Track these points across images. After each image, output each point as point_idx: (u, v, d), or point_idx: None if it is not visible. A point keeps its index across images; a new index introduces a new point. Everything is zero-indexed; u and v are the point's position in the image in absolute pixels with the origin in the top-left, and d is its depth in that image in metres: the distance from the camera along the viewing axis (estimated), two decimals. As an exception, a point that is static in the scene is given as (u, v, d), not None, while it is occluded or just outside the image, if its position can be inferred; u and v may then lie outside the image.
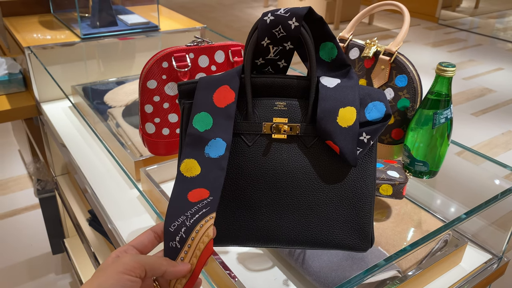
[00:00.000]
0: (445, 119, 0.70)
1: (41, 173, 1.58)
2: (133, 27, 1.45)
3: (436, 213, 0.89)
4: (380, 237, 0.79)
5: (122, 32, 1.43)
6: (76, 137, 1.19)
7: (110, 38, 1.41)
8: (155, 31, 1.49)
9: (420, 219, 0.83)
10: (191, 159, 0.51)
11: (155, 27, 1.49)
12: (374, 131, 0.52)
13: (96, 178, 1.02)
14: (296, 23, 0.50)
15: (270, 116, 0.53)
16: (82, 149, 1.14)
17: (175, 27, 1.54)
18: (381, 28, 5.25)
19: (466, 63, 4.19)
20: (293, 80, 0.54)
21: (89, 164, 1.07)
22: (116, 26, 1.44)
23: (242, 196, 0.54)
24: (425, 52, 4.46)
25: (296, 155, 0.53)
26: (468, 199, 0.94)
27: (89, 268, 1.33)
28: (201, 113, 0.51)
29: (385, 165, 0.72)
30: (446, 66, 0.68)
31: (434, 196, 0.93)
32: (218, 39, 1.56)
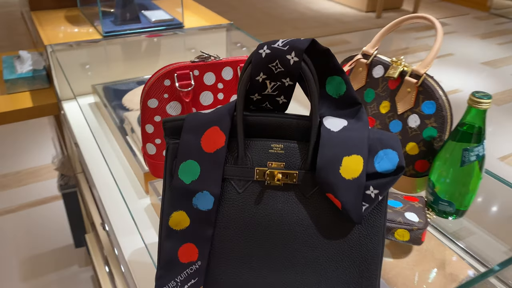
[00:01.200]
0: (476, 157, 0.62)
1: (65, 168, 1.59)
2: (156, 25, 1.41)
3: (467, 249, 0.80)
4: (397, 276, 0.72)
5: (145, 29, 1.39)
6: (90, 139, 1.17)
7: (133, 35, 1.38)
8: (179, 28, 1.44)
9: (445, 259, 0.75)
10: (180, 211, 0.47)
11: (179, 24, 1.44)
12: (383, 185, 0.44)
13: (104, 184, 0.99)
14: (296, 58, 0.44)
15: (264, 160, 0.47)
16: (94, 152, 1.12)
17: (200, 24, 1.48)
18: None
19: (518, 58, 3.91)
20: (293, 120, 0.47)
21: (99, 168, 1.05)
22: (139, 23, 1.40)
23: (231, 249, 0.48)
24: (472, 45, 4.20)
25: (293, 206, 0.47)
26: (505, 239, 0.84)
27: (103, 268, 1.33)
28: (187, 161, 0.46)
29: (404, 204, 0.65)
30: (480, 97, 0.59)
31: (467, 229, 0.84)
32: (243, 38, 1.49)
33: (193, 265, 0.48)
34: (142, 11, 1.48)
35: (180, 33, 1.45)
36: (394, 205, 0.64)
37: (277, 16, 4.80)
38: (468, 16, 5.11)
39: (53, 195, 2.12)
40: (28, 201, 2.08)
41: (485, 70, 3.63)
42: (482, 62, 3.79)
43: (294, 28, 4.41)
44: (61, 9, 1.60)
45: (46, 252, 1.81)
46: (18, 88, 1.39)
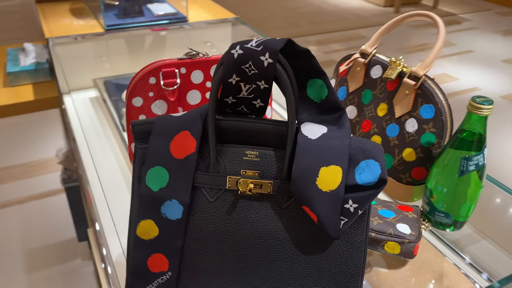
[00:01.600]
0: (475, 167, 0.57)
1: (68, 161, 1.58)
2: (160, 18, 1.38)
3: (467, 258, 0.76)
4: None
5: (148, 23, 1.37)
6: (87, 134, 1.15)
7: (136, 29, 1.35)
8: (183, 22, 1.41)
9: (442, 271, 0.71)
10: (147, 220, 0.44)
11: (183, 18, 1.41)
12: (363, 199, 0.41)
13: (98, 183, 0.98)
14: (270, 60, 0.40)
15: (238, 168, 0.44)
16: (90, 147, 1.10)
17: (204, 18, 1.45)
18: (447, 12, 4.85)
19: (541, 56, 3.77)
20: (269, 126, 0.44)
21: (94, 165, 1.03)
22: (142, 17, 1.38)
23: (203, 260, 0.45)
24: (494, 41, 4.07)
25: (268, 217, 0.44)
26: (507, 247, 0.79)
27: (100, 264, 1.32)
28: (155, 167, 0.43)
29: (397, 214, 0.61)
30: (481, 103, 0.55)
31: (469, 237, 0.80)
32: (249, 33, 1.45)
33: (164, 275, 0.45)
34: (146, 4, 1.45)
35: (184, 27, 1.42)
36: (386, 215, 0.60)
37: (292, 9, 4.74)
38: (490, 11, 4.96)
39: (60, 187, 2.13)
40: (35, 193, 2.10)
41: (505, 67, 3.52)
42: (504, 59, 3.67)
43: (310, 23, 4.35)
44: (67, 2, 1.59)
45: (51, 244, 1.82)
46: (21, 80, 1.38)
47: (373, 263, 0.72)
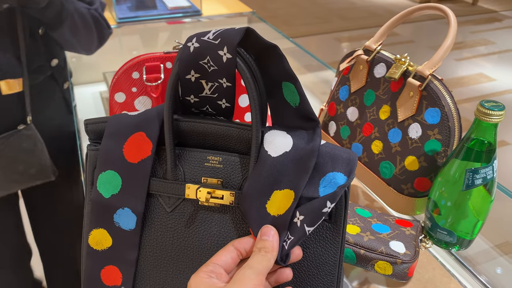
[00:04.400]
0: (482, 180, 0.50)
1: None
2: (173, 11, 1.35)
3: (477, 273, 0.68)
4: (389, 309, 0.62)
5: (161, 16, 1.34)
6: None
7: (148, 22, 1.33)
8: (197, 15, 1.38)
9: (448, 293, 0.64)
10: (100, 228, 0.40)
11: (197, 11, 1.38)
12: (311, 211, 0.35)
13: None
14: (229, 55, 0.35)
15: (199, 175, 0.39)
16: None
17: (219, 12, 1.41)
18: (487, 9, 4.62)
19: None
20: (233, 129, 0.39)
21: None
22: (155, 10, 1.35)
23: (158, 276, 0.41)
24: (536, 40, 3.84)
25: (230, 230, 0.39)
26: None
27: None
28: (106, 171, 0.39)
29: (393, 229, 0.54)
30: (490, 108, 0.48)
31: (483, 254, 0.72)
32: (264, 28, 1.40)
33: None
34: (161, -3, 1.42)
35: (201, 20, 1.39)
36: (380, 230, 0.54)
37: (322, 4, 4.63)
38: (532, 8, 4.68)
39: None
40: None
41: (548, 69, 3.31)
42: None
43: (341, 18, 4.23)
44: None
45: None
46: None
47: (371, 280, 0.66)
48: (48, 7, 0.77)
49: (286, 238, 0.35)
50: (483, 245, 0.75)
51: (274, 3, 4.51)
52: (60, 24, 0.81)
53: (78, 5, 0.85)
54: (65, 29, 0.83)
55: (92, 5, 0.89)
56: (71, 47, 0.91)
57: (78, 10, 0.84)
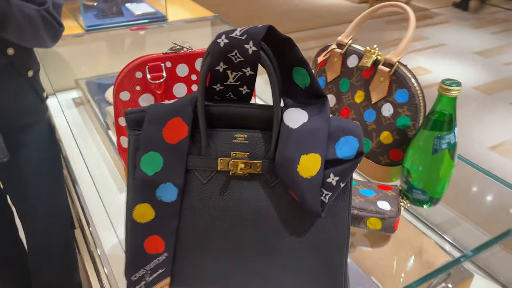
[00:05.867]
0: (447, 145, 0.61)
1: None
2: (140, 18, 1.40)
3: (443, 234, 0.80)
4: (376, 265, 0.72)
5: (128, 23, 1.38)
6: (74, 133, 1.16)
7: (116, 29, 1.37)
8: (163, 21, 1.43)
9: (422, 247, 0.75)
10: (143, 203, 0.47)
11: (163, 17, 1.43)
12: (343, 171, 0.44)
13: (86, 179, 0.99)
14: (254, 48, 0.43)
15: (228, 150, 0.47)
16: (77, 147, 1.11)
17: (184, 17, 1.47)
18: (419, 7, 4.97)
19: (510, 46, 3.90)
20: (255, 110, 0.47)
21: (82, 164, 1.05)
22: (122, 17, 1.39)
23: (197, 240, 0.48)
24: (465, 34, 4.19)
25: (258, 195, 0.47)
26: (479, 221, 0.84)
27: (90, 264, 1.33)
28: (149, 153, 0.46)
29: (377, 193, 0.65)
30: (450, 85, 0.59)
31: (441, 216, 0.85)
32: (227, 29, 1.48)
33: (160, 256, 0.48)
34: (125, 5, 1.46)
35: (164, 26, 1.44)
36: (367, 194, 0.64)
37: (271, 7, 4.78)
38: (461, 6, 5.09)
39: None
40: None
41: (477, 59, 3.63)
42: (475, 52, 3.78)
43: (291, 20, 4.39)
44: (44, 4, 1.59)
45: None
46: (1, 84, 1.37)
47: (356, 243, 0.76)
48: None
49: (325, 194, 0.44)
50: (441, 208, 0.87)
51: (223, 6, 4.60)
52: (3, 27, 0.85)
53: (26, 8, 0.88)
54: (9, 31, 0.86)
55: (42, 5, 0.94)
56: (21, 43, 0.95)
57: (24, 12, 0.88)
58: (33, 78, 1.06)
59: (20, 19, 0.87)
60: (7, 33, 0.87)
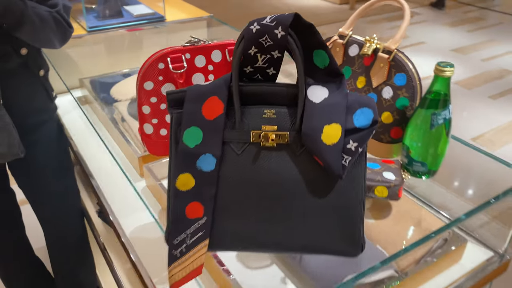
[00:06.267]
0: (443, 120, 0.69)
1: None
2: (139, 18, 1.45)
3: (439, 208, 0.88)
4: (379, 235, 0.79)
5: (128, 23, 1.43)
6: (83, 130, 1.21)
7: (117, 30, 1.42)
8: (162, 21, 1.49)
9: (420, 218, 0.83)
10: (185, 173, 0.53)
11: (161, 17, 1.49)
12: (361, 138, 0.51)
13: (101, 172, 1.04)
14: (283, 32, 0.50)
15: (259, 124, 0.53)
16: (88, 143, 1.16)
17: (181, 17, 1.53)
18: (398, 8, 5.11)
19: (486, 43, 4.07)
20: (282, 88, 0.53)
21: (95, 158, 1.10)
22: (122, 18, 1.44)
23: (233, 204, 0.54)
24: (442, 33, 4.35)
25: (285, 163, 0.53)
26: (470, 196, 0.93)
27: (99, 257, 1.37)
28: (190, 128, 0.52)
29: (382, 166, 0.72)
30: (444, 66, 0.67)
31: (436, 192, 0.93)
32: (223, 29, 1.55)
33: (200, 220, 0.54)
34: (124, 6, 1.51)
35: (162, 26, 1.50)
36: (373, 167, 0.71)
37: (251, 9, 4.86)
38: (437, 5, 5.27)
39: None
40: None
41: (455, 56, 3.77)
42: (453, 49, 3.93)
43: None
44: (42, 7, 1.63)
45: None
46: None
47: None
48: (6, 15, 0.86)
49: (345, 159, 0.50)
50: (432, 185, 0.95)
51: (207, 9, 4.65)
52: (19, 26, 0.90)
53: (40, 10, 0.94)
54: (24, 31, 0.92)
55: (54, 7, 0.99)
56: (33, 43, 1.00)
57: (39, 14, 0.93)
58: (44, 78, 1.10)
59: (35, 20, 0.92)
60: (23, 33, 0.92)
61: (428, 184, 0.92)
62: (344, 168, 0.51)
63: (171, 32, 1.52)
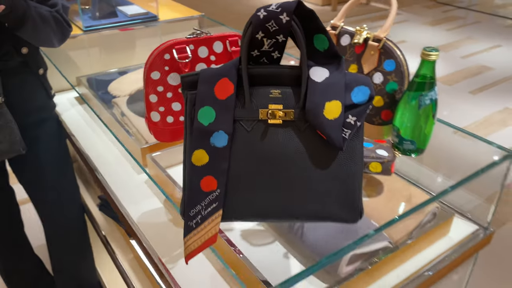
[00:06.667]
0: (430, 101, 0.75)
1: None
2: (133, 18, 1.49)
3: (426, 188, 0.95)
4: (373, 211, 0.85)
5: (123, 23, 1.47)
6: (83, 127, 1.25)
7: (111, 29, 1.46)
8: (155, 20, 1.53)
9: (410, 195, 0.89)
10: (200, 149, 0.57)
11: (154, 17, 1.53)
12: (359, 112, 0.57)
13: (105, 166, 1.08)
14: (287, 18, 0.55)
15: (266, 103, 0.58)
16: (89, 138, 1.19)
17: (173, 16, 1.58)
18: (379, 8, 5.24)
19: (465, 41, 4.20)
20: (286, 70, 0.59)
21: (98, 153, 1.13)
22: (116, 18, 1.48)
23: (245, 177, 0.59)
24: (423, 32, 4.47)
25: (291, 138, 0.59)
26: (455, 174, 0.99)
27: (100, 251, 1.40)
28: (204, 107, 0.57)
29: (375, 145, 0.78)
30: (430, 51, 0.73)
31: (424, 172, 0.99)
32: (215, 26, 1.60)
33: (214, 192, 0.59)
34: (118, 7, 1.55)
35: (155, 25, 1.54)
36: (367, 146, 0.77)
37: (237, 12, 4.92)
38: (417, 5, 5.41)
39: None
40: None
41: (435, 54, 3.88)
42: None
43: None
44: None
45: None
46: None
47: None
48: (9, 15, 0.89)
49: (345, 132, 0.56)
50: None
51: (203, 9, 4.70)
52: (22, 25, 0.94)
53: (41, 9, 0.98)
54: (26, 29, 0.95)
55: (54, 7, 1.03)
56: (33, 42, 1.03)
57: (40, 13, 0.97)
58: (43, 76, 1.14)
59: (37, 19, 0.96)
60: (24, 32, 0.96)
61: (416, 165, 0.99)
62: (345, 140, 0.57)
63: (164, 31, 1.56)
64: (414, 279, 0.79)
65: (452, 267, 0.85)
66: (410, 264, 0.82)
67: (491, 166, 0.80)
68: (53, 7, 1.03)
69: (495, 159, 0.83)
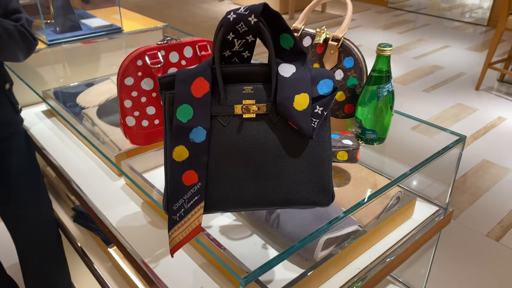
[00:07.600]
0: (387, 92, 0.82)
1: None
2: (97, 30, 1.51)
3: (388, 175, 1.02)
4: (342, 199, 0.91)
5: (87, 36, 1.49)
6: (54, 140, 1.25)
7: (76, 42, 1.46)
8: (119, 32, 1.55)
9: (375, 182, 0.96)
10: (180, 145, 0.61)
11: (119, 29, 1.55)
12: (325, 103, 0.62)
13: (80, 176, 1.09)
14: (255, 19, 0.60)
15: (240, 99, 0.63)
16: (61, 151, 1.20)
17: (137, 27, 1.60)
18: (334, 15, 5.43)
19: (416, 43, 4.42)
20: (257, 68, 0.64)
21: (71, 164, 1.14)
22: (80, 31, 1.49)
23: (223, 169, 0.63)
24: (377, 35, 4.66)
25: (265, 131, 0.63)
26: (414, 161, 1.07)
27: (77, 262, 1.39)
28: (182, 105, 0.61)
29: (341, 136, 0.84)
30: (384, 47, 0.80)
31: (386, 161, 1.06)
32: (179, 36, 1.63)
33: (195, 186, 0.62)
34: (81, 20, 1.56)
35: (120, 37, 1.56)
36: (333, 137, 0.83)
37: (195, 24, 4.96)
38: (370, 11, 5.64)
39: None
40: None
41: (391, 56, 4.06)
42: (387, 49, 4.22)
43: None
44: None
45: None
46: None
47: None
48: None
49: (314, 121, 0.61)
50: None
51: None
52: None
53: (5, 23, 0.99)
54: None
55: (18, 21, 1.04)
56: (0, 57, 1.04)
57: (5, 28, 0.99)
58: (10, 91, 1.14)
59: (2, 34, 0.97)
60: None
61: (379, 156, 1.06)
62: (314, 129, 0.62)
63: (128, 42, 1.58)
64: (383, 258, 0.85)
65: (418, 246, 0.92)
66: (380, 245, 0.88)
67: (445, 149, 0.88)
68: (18, 21, 1.04)
69: (449, 144, 0.91)
